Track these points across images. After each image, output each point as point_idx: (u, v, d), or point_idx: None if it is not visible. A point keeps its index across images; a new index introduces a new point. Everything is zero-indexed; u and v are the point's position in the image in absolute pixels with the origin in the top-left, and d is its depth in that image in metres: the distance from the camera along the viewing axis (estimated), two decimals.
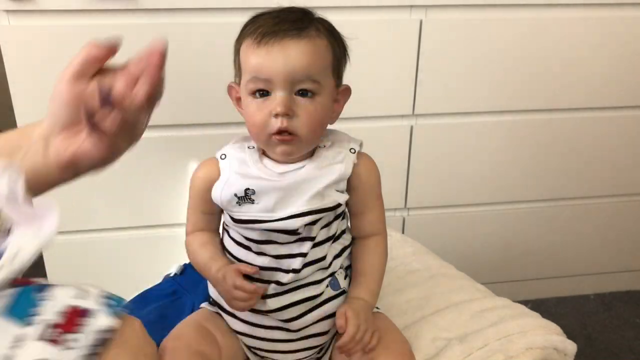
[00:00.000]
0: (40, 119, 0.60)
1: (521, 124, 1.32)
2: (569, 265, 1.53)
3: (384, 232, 0.79)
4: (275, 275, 0.71)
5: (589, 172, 1.41)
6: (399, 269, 0.99)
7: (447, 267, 1.02)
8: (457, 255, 1.32)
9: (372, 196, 0.76)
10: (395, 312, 0.87)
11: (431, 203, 1.37)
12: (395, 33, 1.18)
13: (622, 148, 1.40)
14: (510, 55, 1.24)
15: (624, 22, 1.26)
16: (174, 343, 0.72)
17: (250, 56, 0.67)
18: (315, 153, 0.72)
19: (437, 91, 1.24)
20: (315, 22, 0.69)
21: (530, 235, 1.46)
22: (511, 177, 1.37)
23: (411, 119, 1.27)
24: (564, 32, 1.24)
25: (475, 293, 0.93)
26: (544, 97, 1.30)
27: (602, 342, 1.39)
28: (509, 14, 1.22)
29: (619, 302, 1.55)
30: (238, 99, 0.72)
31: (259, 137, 0.69)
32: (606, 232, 1.50)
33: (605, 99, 1.33)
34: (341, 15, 1.14)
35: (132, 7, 1.08)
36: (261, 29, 0.66)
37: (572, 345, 0.83)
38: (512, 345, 0.80)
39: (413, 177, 1.32)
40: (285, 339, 0.74)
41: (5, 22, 1.06)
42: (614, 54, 1.29)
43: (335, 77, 0.71)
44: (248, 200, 0.69)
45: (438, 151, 1.31)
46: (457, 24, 1.20)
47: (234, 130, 1.13)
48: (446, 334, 0.83)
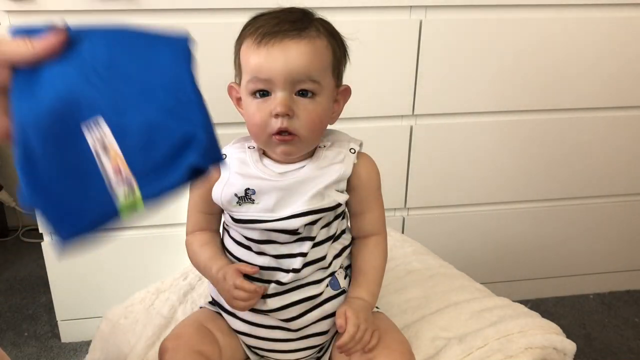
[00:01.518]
0: None
1: (521, 124, 1.32)
2: (568, 265, 1.53)
3: (384, 232, 0.79)
4: (276, 275, 0.71)
5: (589, 172, 1.41)
6: (399, 269, 0.99)
7: (447, 266, 1.02)
8: (457, 255, 1.32)
9: (372, 196, 0.76)
10: (395, 312, 0.87)
11: (431, 203, 1.37)
12: (395, 33, 1.18)
13: (622, 148, 1.40)
14: (510, 55, 1.24)
15: (624, 22, 1.26)
16: (174, 342, 0.73)
17: (250, 56, 0.67)
18: (316, 153, 0.72)
19: (437, 91, 1.24)
20: (316, 23, 0.69)
21: (530, 235, 1.46)
22: (511, 177, 1.37)
23: (411, 119, 1.27)
24: (564, 33, 1.24)
25: (475, 293, 0.93)
26: (544, 97, 1.30)
27: (602, 341, 1.39)
28: (509, 14, 1.22)
29: (618, 301, 1.55)
30: (238, 99, 0.73)
31: (259, 137, 0.69)
32: (606, 232, 1.50)
33: (605, 99, 1.33)
34: (341, 15, 1.14)
35: (132, 7, 1.08)
36: (261, 30, 0.66)
37: (571, 345, 0.83)
38: (511, 345, 0.80)
39: (413, 177, 1.32)
40: (285, 338, 0.75)
41: (5, 22, 1.06)
42: (615, 54, 1.29)
43: (335, 77, 0.71)
44: (248, 200, 0.70)
45: (438, 151, 1.31)
46: (457, 24, 1.20)
47: (234, 130, 1.13)
48: (446, 333, 0.83)
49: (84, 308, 1.31)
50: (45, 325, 1.40)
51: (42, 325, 1.40)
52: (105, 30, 0.48)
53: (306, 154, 0.72)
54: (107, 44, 0.47)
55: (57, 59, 0.46)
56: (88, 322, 1.31)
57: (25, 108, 0.45)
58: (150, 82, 0.46)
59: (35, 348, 1.33)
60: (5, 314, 1.44)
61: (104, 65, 0.46)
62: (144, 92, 0.46)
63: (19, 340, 1.35)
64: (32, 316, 1.43)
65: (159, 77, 0.46)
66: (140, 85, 0.46)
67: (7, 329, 1.39)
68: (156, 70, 0.46)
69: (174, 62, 0.48)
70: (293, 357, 0.77)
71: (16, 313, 1.45)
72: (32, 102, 0.45)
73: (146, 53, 0.47)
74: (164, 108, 0.45)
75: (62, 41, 0.46)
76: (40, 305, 1.47)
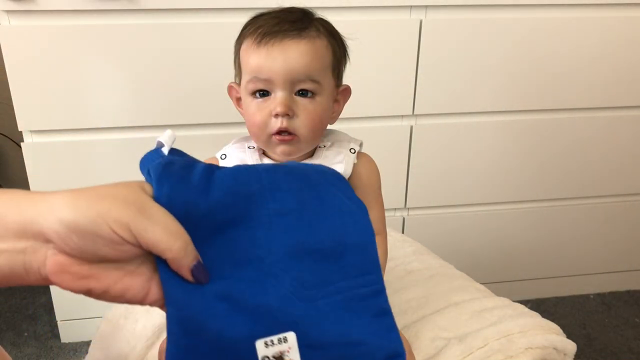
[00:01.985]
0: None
1: (521, 124, 1.32)
2: (568, 265, 1.53)
3: (384, 232, 0.79)
4: None
5: (589, 172, 1.41)
6: (399, 269, 0.99)
7: (447, 266, 1.02)
8: (457, 255, 1.32)
9: (372, 196, 0.76)
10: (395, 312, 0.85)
11: (431, 203, 1.37)
12: (395, 33, 1.18)
13: (622, 148, 1.40)
14: (510, 55, 1.24)
15: (624, 22, 1.26)
16: None
17: (250, 56, 0.67)
18: (315, 153, 0.72)
19: (437, 91, 1.24)
20: (315, 23, 0.69)
21: (530, 235, 1.46)
22: (511, 177, 1.37)
23: (411, 119, 1.27)
24: (564, 33, 1.24)
25: (475, 293, 0.93)
26: (544, 97, 1.30)
27: (602, 341, 1.39)
28: (508, 14, 1.22)
29: (618, 301, 1.55)
30: (238, 99, 0.73)
31: (259, 137, 0.69)
32: (606, 232, 1.50)
33: (605, 99, 1.33)
34: (341, 15, 1.14)
35: (132, 7, 1.08)
36: (261, 30, 0.66)
37: (571, 345, 0.83)
38: (511, 345, 0.80)
39: (413, 177, 1.32)
40: None
41: (5, 22, 1.06)
42: (615, 54, 1.29)
43: (335, 77, 0.71)
44: None
45: (438, 151, 1.31)
46: (457, 24, 1.20)
47: (234, 130, 1.13)
48: (446, 333, 0.83)
49: (84, 308, 1.31)
50: (45, 326, 1.40)
51: (42, 325, 1.40)
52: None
53: (306, 154, 0.72)
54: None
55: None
56: (88, 322, 1.31)
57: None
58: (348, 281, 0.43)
59: (35, 348, 1.33)
60: (5, 314, 1.44)
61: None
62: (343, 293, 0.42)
63: (19, 341, 1.35)
64: (32, 316, 1.43)
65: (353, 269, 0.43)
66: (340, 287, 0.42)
67: (7, 329, 1.39)
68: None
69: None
70: None
71: (16, 313, 1.45)
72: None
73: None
74: (362, 321, 0.42)
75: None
76: (40, 305, 1.47)
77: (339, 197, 0.45)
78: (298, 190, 0.44)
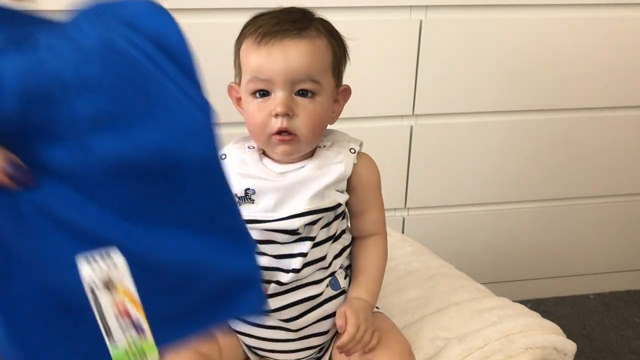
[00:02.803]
0: None
1: (521, 124, 1.32)
2: (568, 265, 1.53)
3: (384, 232, 0.79)
4: (276, 275, 0.71)
5: (589, 172, 1.41)
6: (399, 269, 0.99)
7: (447, 266, 1.02)
8: (457, 255, 1.32)
9: (372, 196, 0.76)
10: (395, 312, 0.87)
11: (431, 203, 1.37)
12: (395, 33, 1.18)
13: (622, 148, 1.40)
14: (510, 55, 1.24)
15: (624, 22, 1.26)
16: None
17: (250, 56, 0.67)
18: (316, 153, 0.72)
19: (437, 91, 1.24)
20: (316, 23, 0.69)
21: (530, 235, 1.46)
22: (511, 177, 1.37)
23: (411, 119, 1.27)
24: (564, 32, 1.24)
25: (475, 293, 0.93)
26: (544, 97, 1.30)
27: (602, 341, 1.39)
28: (509, 14, 1.22)
29: (618, 301, 1.55)
30: (238, 99, 0.73)
31: (259, 137, 0.69)
32: (606, 232, 1.50)
33: (605, 99, 1.33)
34: (341, 15, 1.14)
35: None
36: (261, 29, 0.66)
37: (571, 345, 0.83)
38: (511, 345, 0.80)
39: (413, 177, 1.32)
40: (285, 338, 0.74)
41: None
42: (614, 54, 1.29)
43: (335, 77, 0.71)
44: (248, 200, 0.70)
45: (438, 151, 1.31)
46: (457, 24, 1.20)
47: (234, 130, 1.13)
48: (446, 333, 0.83)
49: None
50: None
51: None
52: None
53: (306, 154, 0.72)
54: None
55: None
56: None
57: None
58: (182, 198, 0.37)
59: None
60: None
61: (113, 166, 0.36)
62: (175, 204, 0.37)
63: None
64: None
65: (190, 178, 0.37)
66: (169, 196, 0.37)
67: None
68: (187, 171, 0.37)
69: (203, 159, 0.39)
70: (293, 357, 0.77)
71: None
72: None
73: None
74: (204, 242, 0.38)
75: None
76: None
77: (172, 93, 0.38)
78: (112, 86, 0.36)
